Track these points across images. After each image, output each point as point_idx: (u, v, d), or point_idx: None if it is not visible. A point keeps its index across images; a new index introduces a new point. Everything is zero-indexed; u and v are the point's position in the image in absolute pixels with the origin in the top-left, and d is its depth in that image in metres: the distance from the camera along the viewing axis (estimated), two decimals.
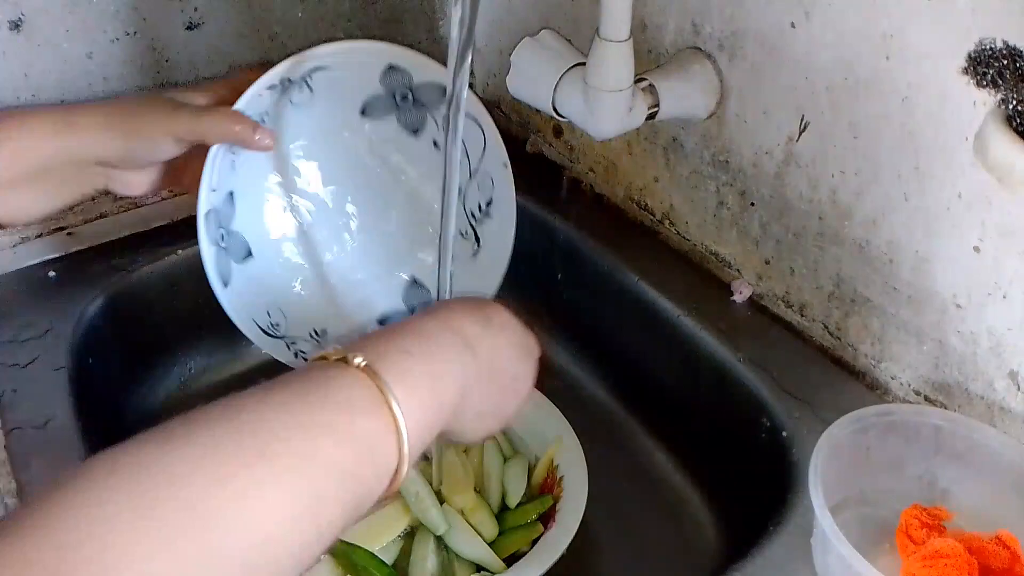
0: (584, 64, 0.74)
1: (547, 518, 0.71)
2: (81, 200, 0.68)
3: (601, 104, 0.73)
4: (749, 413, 0.75)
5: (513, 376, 0.57)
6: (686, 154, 0.85)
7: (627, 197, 0.94)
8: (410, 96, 0.74)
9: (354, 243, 0.79)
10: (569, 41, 0.81)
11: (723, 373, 0.78)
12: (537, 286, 0.97)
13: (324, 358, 0.46)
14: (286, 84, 0.68)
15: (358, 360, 0.45)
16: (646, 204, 0.92)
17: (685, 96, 0.78)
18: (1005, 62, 0.58)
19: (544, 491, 0.75)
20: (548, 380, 0.91)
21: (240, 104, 0.64)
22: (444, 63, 0.55)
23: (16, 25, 0.80)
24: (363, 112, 0.75)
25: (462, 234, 0.77)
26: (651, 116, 0.77)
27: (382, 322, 0.80)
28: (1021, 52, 0.57)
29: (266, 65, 0.64)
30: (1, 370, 0.73)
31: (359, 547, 0.68)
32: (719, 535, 0.79)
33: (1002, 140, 0.55)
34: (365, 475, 0.43)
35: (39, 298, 0.80)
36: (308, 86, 0.70)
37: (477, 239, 0.77)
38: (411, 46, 1.02)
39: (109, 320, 0.81)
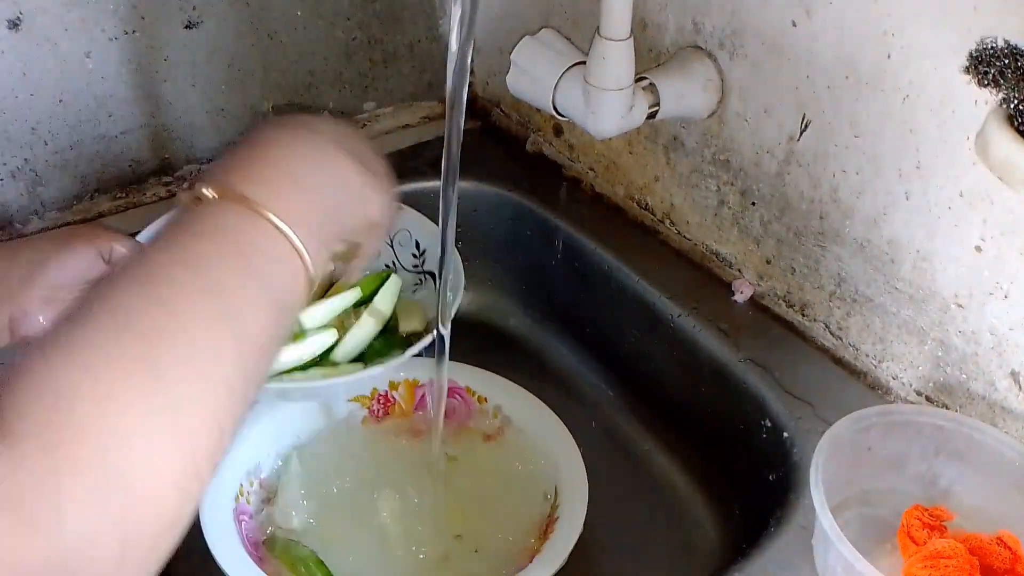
0: (584, 63, 0.74)
1: (546, 529, 0.71)
2: None
3: (601, 103, 0.73)
4: (750, 413, 0.75)
5: (366, 166, 0.55)
6: (687, 153, 0.85)
7: (627, 196, 0.94)
8: None
9: None
10: (569, 40, 0.80)
11: (724, 373, 0.78)
12: (537, 285, 0.97)
13: (180, 202, 0.47)
14: None
15: (217, 192, 0.46)
16: (647, 203, 0.92)
17: (686, 95, 0.78)
18: (1007, 61, 0.58)
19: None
20: (549, 380, 0.92)
21: None
22: (444, 62, 0.55)
23: (15, 24, 0.80)
24: None
25: (416, 285, 0.79)
26: (651, 115, 0.77)
27: None
28: (1022, 51, 0.57)
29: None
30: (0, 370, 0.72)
31: (300, 544, 0.71)
32: (720, 535, 0.79)
33: (1004, 139, 0.55)
34: (274, 286, 0.45)
35: None
36: None
37: (431, 275, 0.79)
38: (411, 45, 1.04)
39: None
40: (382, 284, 0.76)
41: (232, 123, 0.95)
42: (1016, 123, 0.56)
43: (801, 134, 0.74)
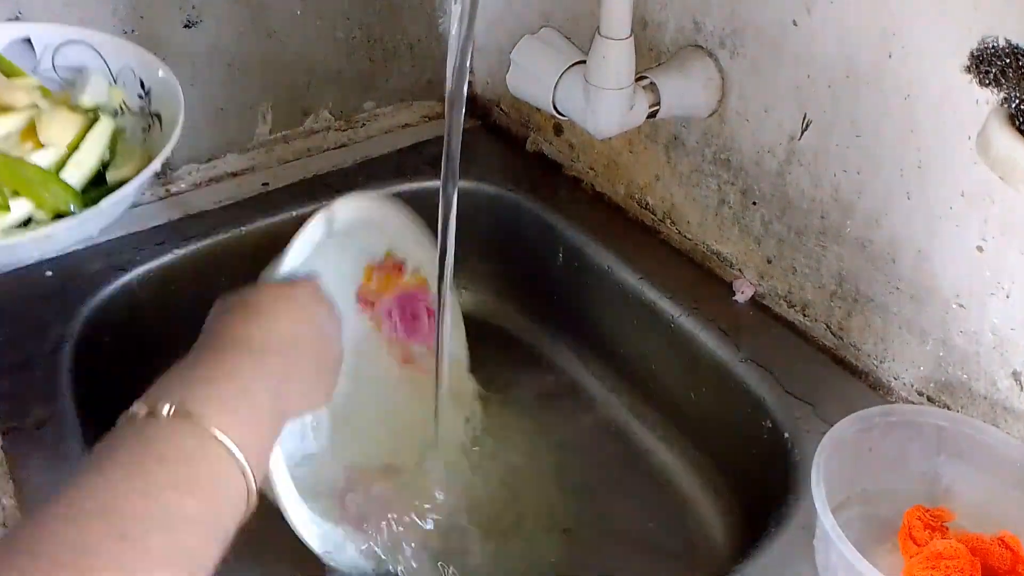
0: (584, 62, 0.74)
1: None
2: None
3: (602, 102, 0.73)
4: (751, 413, 0.75)
5: (315, 337, 0.59)
6: (687, 152, 0.85)
7: (628, 196, 0.94)
8: None
9: None
10: (569, 39, 0.80)
11: (725, 373, 0.78)
12: (537, 285, 0.97)
13: (134, 415, 0.49)
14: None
15: (166, 409, 0.48)
16: (647, 203, 0.92)
17: (686, 94, 0.78)
18: (1008, 60, 0.58)
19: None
20: (549, 380, 0.91)
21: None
22: (444, 61, 0.55)
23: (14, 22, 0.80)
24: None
25: (144, 129, 0.78)
26: (652, 114, 0.77)
27: None
28: (1023, 50, 0.57)
29: None
30: None
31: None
32: (721, 535, 0.79)
33: (1005, 138, 0.55)
34: (223, 511, 0.47)
35: (36, 298, 0.79)
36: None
37: (158, 117, 0.78)
38: (410, 44, 1.03)
39: (106, 320, 0.80)
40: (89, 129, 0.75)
41: (232, 122, 0.95)
42: (1017, 123, 0.56)
43: (802, 133, 0.74)
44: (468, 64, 0.55)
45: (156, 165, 0.72)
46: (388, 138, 1.04)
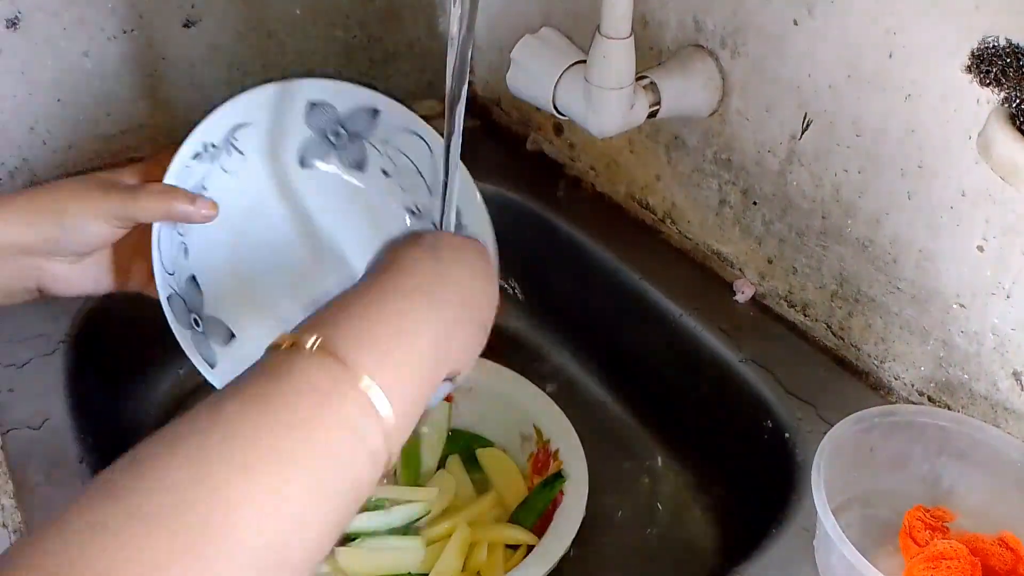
0: (585, 62, 0.73)
1: (545, 522, 0.71)
2: (10, 302, 0.60)
3: (602, 102, 0.73)
4: (751, 413, 0.75)
5: (485, 296, 0.55)
6: (688, 152, 0.85)
7: (628, 195, 0.93)
8: (342, 131, 0.70)
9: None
10: (570, 38, 0.80)
11: (725, 373, 0.78)
12: (537, 285, 0.97)
13: (278, 346, 0.44)
14: (212, 150, 0.63)
15: (310, 342, 0.43)
16: (647, 202, 0.92)
17: (687, 93, 0.78)
18: (1008, 60, 0.58)
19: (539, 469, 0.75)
20: (549, 380, 0.91)
21: (169, 178, 0.60)
22: (444, 61, 0.55)
23: (13, 23, 0.80)
24: (302, 163, 0.70)
25: None
26: (652, 114, 0.77)
27: None
28: None
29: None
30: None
31: None
32: (721, 536, 0.78)
33: (1006, 138, 0.55)
34: (358, 459, 0.42)
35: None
36: (236, 148, 0.66)
37: None
38: (410, 44, 1.03)
39: (105, 320, 0.80)
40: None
41: None
42: (1018, 122, 0.56)
43: (803, 133, 0.74)
44: (468, 64, 0.55)
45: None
46: None
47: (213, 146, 0.64)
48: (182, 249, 0.64)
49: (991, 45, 0.59)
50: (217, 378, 0.62)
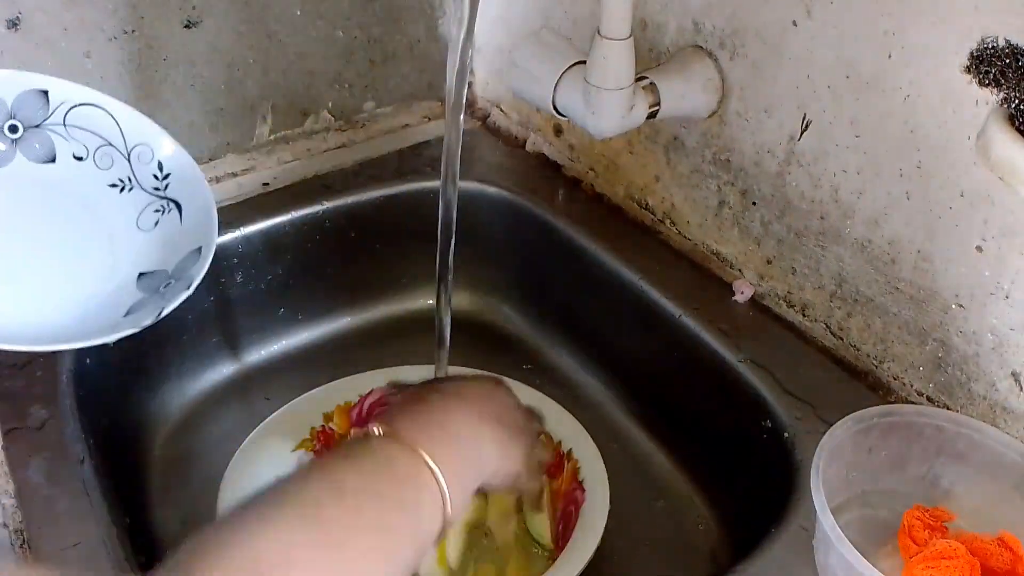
0: (584, 63, 0.74)
1: (566, 531, 0.71)
2: None
3: (602, 103, 0.73)
4: (750, 414, 0.75)
5: (518, 428, 0.63)
6: (687, 153, 0.85)
7: (628, 196, 0.94)
8: (17, 123, 0.71)
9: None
10: (569, 40, 0.80)
11: (724, 373, 0.78)
12: (537, 285, 0.97)
13: (366, 435, 0.53)
14: None
15: (376, 430, 0.53)
16: (647, 203, 0.92)
17: (686, 95, 0.78)
18: (1007, 61, 0.58)
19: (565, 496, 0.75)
20: (549, 380, 0.91)
21: None
22: (444, 62, 0.55)
23: (14, 24, 0.80)
24: None
25: (158, 211, 0.74)
26: (652, 115, 0.77)
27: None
28: (1023, 51, 0.57)
29: None
30: None
31: None
32: (720, 536, 0.79)
33: (1005, 139, 0.55)
34: (422, 536, 0.51)
35: None
36: None
37: (177, 204, 0.74)
38: (410, 45, 1.03)
39: None
40: None
41: (231, 123, 0.95)
42: (1017, 123, 0.56)
43: (802, 134, 0.74)
44: (468, 65, 0.55)
45: (206, 262, 0.70)
46: (388, 139, 1.04)
47: None
48: None
49: (990, 46, 0.59)
50: None
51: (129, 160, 0.74)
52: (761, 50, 0.74)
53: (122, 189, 0.75)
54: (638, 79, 0.75)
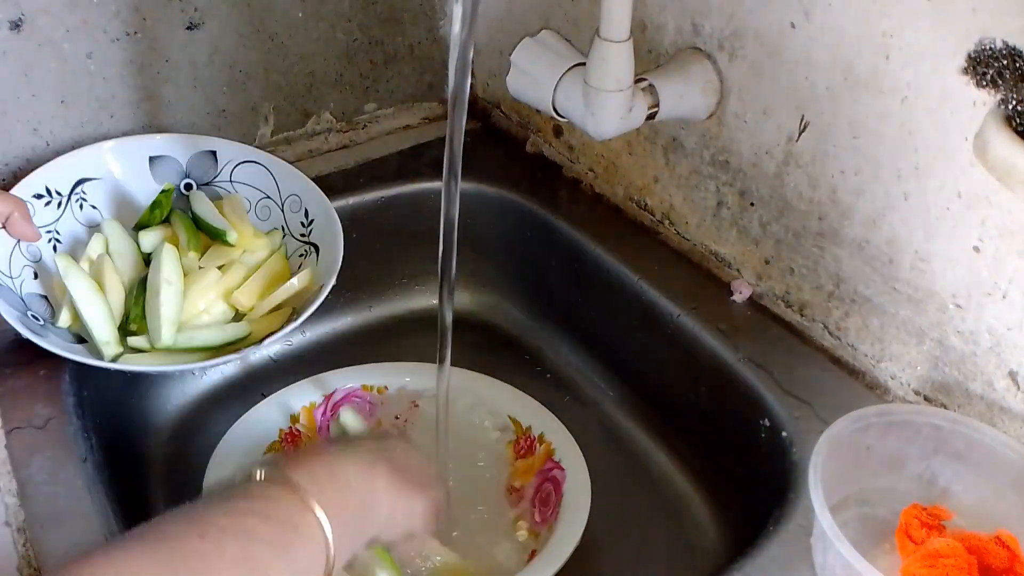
0: (584, 64, 0.74)
1: (545, 509, 0.72)
2: None
3: (601, 104, 0.73)
4: (749, 413, 0.75)
5: (417, 481, 0.62)
6: (686, 154, 0.85)
7: (627, 197, 0.94)
8: (191, 181, 0.85)
9: None
10: (569, 41, 0.81)
11: (723, 373, 0.78)
12: (537, 286, 0.97)
13: (250, 478, 0.54)
14: (57, 196, 0.78)
15: (258, 473, 0.54)
16: (646, 204, 0.92)
17: (685, 96, 0.78)
18: (1005, 62, 0.58)
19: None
20: (549, 380, 0.92)
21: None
22: (445, 63, 0.55)
23: (16, 25, 0.80)
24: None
25: (302, 255, 0.82)
26: (651, 116, 0.77)
27: None
28: (1021, 52, 0.57)
29: None
30: (1, 370, 0.73)
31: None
32: (719, 535, 0.79)
33: (1002, 140, 0.55)
34: (296, 551, 0.51)
35: None
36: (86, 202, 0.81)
37: (316, 248, 0.81)
38: (411, 46, 1.04)
39: None
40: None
41: (233, 125, 0.96)
42: (1014, 124, 0.56)
43: (800, 135, 0.74)
44: (469, 66, 0.56)
45: (321, 297, 0.76)
46: (389, 140, 1.04)
47: (58, 192, 0.78)
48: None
49: (988, 47, 0.59)
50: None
51: (283, 210, 0.83)
52: (760, 52, 0.75)
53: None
54: (637, 81, 0.75)
